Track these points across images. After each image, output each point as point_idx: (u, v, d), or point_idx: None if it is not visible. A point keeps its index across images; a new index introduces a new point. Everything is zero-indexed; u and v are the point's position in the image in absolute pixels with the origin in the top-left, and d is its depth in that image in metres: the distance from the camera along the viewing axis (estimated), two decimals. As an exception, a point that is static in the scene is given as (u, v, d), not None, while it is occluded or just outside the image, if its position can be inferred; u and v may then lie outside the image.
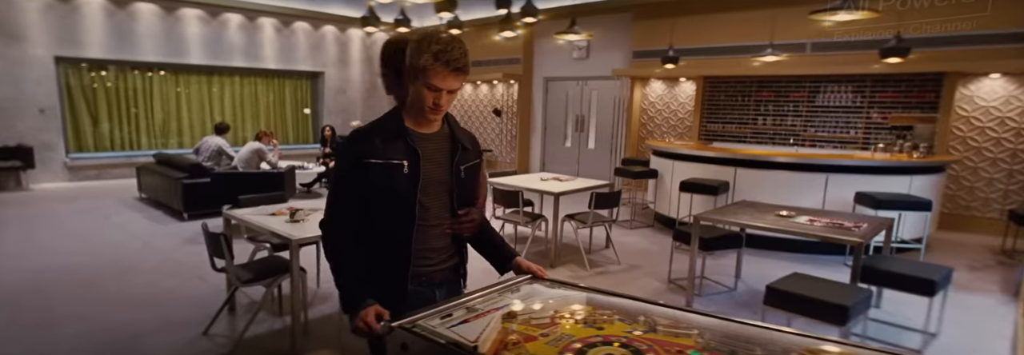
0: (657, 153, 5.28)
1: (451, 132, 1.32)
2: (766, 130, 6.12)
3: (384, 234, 1.27)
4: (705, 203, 4.40)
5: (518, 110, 8.67)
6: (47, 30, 6.64)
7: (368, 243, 1.27)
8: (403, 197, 1.25)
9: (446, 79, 1.18)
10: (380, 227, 1.26)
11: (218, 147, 5.55)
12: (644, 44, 6.97)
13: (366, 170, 1.21)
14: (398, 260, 1.28)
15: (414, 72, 1.18)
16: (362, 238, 1.27)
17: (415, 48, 1.17)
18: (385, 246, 1.27)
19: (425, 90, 1.19)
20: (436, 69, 1.16)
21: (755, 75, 6.04)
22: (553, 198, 3.77)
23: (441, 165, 1.29)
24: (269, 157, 5.44)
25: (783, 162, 4.21)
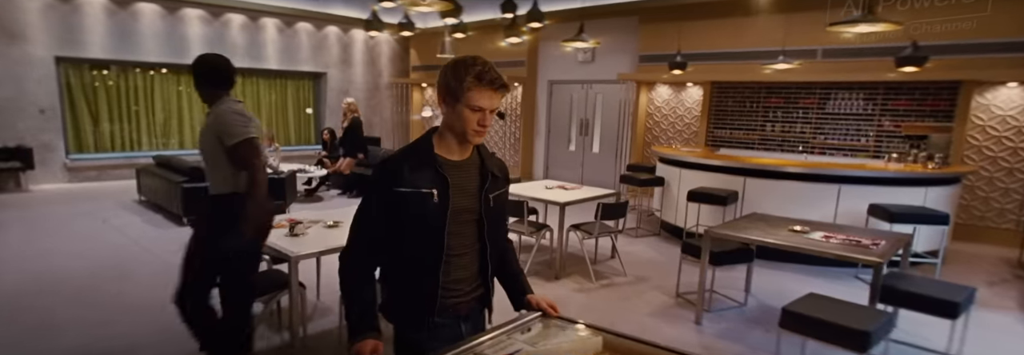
0: (664, 160, 5.18)
1: (481, 160, 1.31)
2: (774, 137, 6.02)
3: (412, 264, 1.25)
4: (713, 213, 4.31)
5: (522, 113, 8.58)
6: (48, 30, 6.58)
7: (395, 273, 1.27)
8: (432, 227, 1.22)
9: (491, 98, 1.19)
10: (408, 256, 1.24)
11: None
12: (651, 48, 6.87)
13: (394, 199, 1.19)
14: (425, 291, 1.24)
15: (455, 95, 1.18)
16: (389, 268, 1.27)
17: (453, 71, 1.18)
18: (412, 276, 1.25)
19: (468, 112, 1.18)
20: (480, 89, 1.17)
21: (764, 81, 5.93)
22: (558, 208, 3.68)
23: (470, 194, 1.27)
24: (270, 161, 5.42)
25: (794, 172, 4.11)
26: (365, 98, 9.93)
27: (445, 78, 1.19)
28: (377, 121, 10.24)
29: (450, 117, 1.22)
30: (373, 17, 4.87)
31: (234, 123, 1.95)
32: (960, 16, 4.73)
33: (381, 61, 10.06)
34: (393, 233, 1.22)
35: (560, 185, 4.35)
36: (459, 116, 1.19)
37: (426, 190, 1.19)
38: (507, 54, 8.42)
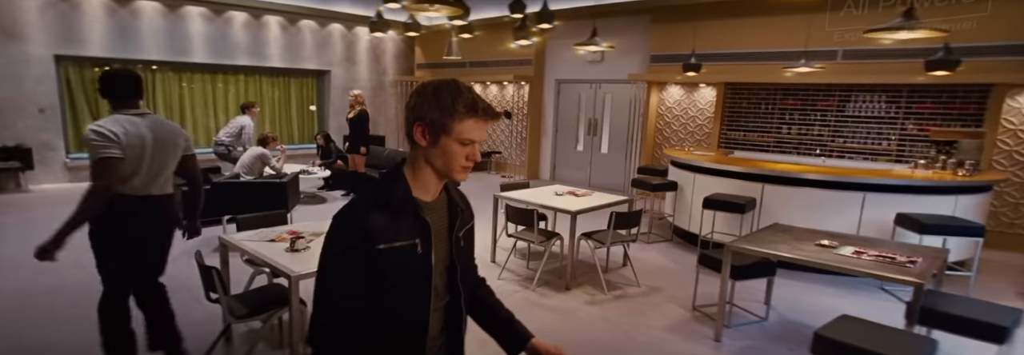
0: (677, 164, 5.01)
1: (449, 195, 1.13)
2: (790, 139, 5.83)
3: (387, 329, 1.04)
4: (730, 219, 4.15)
5: (528, 112, 8.42)
6: (47, 28, 6.46)
7: (371, 335, 1.03)
8: (416, 283, 1.04)
9: (484, 130, 1.04)
10: (383, 321, 1.03)
11: (242, 126, 5.81)
12: (663, 48, 6.68)
13: (374, 258, 0.99)
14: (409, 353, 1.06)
15: (441, 126, 1.00)
16: (364, 331, 1.03)
17: (436, 100, 1.00)
18: (391, 339, 1.05)
19: (457, 146, 1.02)
20: (475, 119, 1.01)
21: (780, 83, 5.74)
22: (570, 217, 3.53)
23: (444, 238, 1.10)
24: (273, 163, 5.28)
25: (816, 180, 3.93)
26: (370, 96, 9.78)
27: (424, 108, 1.00)
28: (382, 120, 10.10)
29: (431, 152, 1.02)
30: (378, 18, 4.72)
31: (90, 143, 2.01)
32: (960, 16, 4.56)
33: (386, 59, 9.90)
34: (372, 298, 1.00)
35: (570, 191, 4.20)
36: (445, 151, 1.01)
37: (409, 242, 1.01)
38: (514, 53, 8.25)
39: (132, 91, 2.19)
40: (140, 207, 2.12)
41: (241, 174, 5.18)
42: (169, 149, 2.18)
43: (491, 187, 7.97)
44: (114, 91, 2.18)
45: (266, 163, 5.26)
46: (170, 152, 2.18)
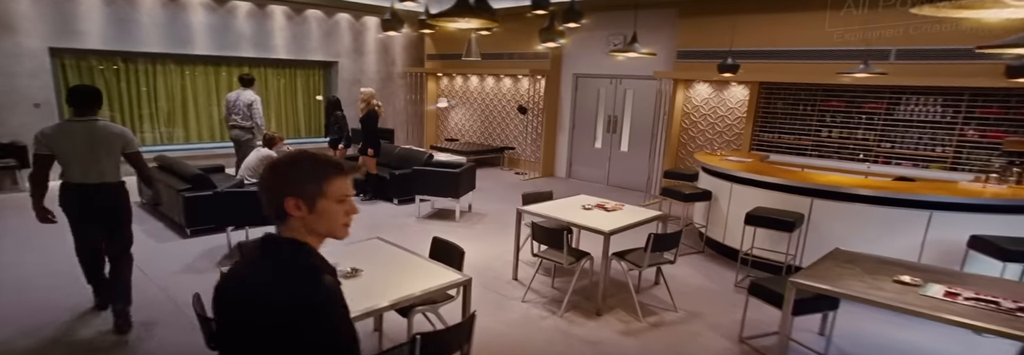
0: (710, 172, 4.65)
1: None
2: (830, 143, 5.44)
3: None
4: (773, 234, 3.80)
5: (544, 107, 8.03)
6: (41, 20, 6.12)
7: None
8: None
9: (350, 184, 1.08)
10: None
11: (251, 102, 5.77)
12: (691, 44, 6.24)
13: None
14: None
15: (317, 192, 1.03)
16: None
17: (310, 172, 1.03)
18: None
19: (336, 204, 1.05)
20: (342, 177, 1.06)
21: (822, 83, 5.31)
22: (603, 238, 3.20)
23: None
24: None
25: (875, 196, 3.55)
26: (378, 88, 9.42)
27: (290, 182, 1.02)
28: (390, 112, 9.75)
29: (310, 219, 1.03)
30: (392, 16, 4.34)
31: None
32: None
33: (395, 49, 9.50)
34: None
35: (599, 204, 3.87)
36: (325, 214, 1.04)
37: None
38: (530, 45, 7.82)
39: (82, 102, 2.74)
40: (76, 191, 2.76)
41: (246, 178, 4.90)
42: (102, 148, 2.74)
43: (505, 184, 7.75)
44: (70, 101, 2.76)
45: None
46: (104, 150, 2.75)
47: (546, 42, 3.79)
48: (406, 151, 6.77)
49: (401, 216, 5.49)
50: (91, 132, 2.71)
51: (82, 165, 2.71)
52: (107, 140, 2.74)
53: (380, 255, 2.62)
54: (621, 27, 7.08)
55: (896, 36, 4.83)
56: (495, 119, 9.08)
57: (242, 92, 6.05)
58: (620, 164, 7.63)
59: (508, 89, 8.75)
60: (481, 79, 9.14)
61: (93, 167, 2.73)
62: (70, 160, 2.71)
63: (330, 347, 0.97)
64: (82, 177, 2.73)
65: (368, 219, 5.30)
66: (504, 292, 3.58)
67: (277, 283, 0.98)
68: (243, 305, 1.02)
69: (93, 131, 2.71)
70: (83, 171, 2.72)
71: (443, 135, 10.01)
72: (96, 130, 2.72)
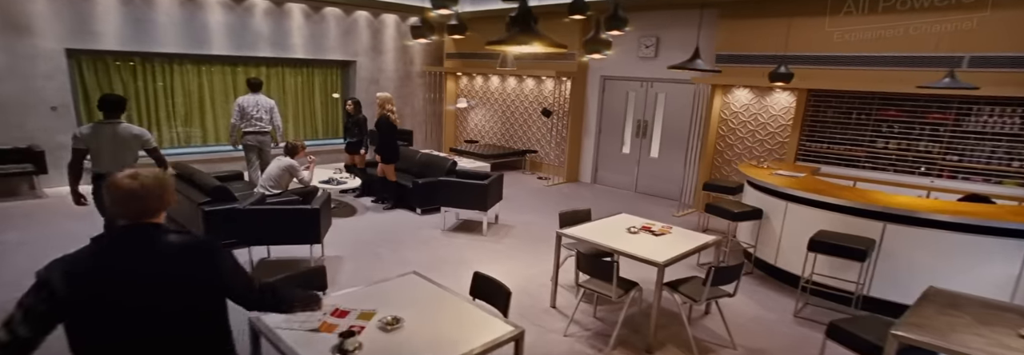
0: (758, 187, 4.34)
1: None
2: (887, 154, 5.07)
3: None
4: (836, 259, 3.49)
5: (570, 110, 7.73)
6: (57, 20, 5.95)
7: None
8: None
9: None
10: None
11: (271, 107, 5.81)
12: (732, 47, 5.88)
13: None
14: None
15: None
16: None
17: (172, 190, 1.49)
18: None
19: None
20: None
21: (879, 92, 4.94)
22: (657, 270, 2.93)
23: None
24: (302, 174, 4.85)
25: (962, 223, 3.20)
26: (396, 87, 9.19)
27: (173, 198, 1.46)
28: (408, 112, 9.52)
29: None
30: (423, 23, 4.07)
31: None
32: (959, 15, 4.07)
33: (413, 48, 9.23)
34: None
35: (645, 226, 3.60)
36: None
37: None
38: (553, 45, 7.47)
39: (110, 109, 3.47)
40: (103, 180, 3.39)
41: (267, 189, 4.71)
42: (125, 144, 3.48)
43: (529, 190, 7.44)
44: (101, 107, 3.48)
45: (294, 175, 4.80)
46: (126, 146, 3.49)
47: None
48: (428, 157, 6.52)
49: (426, 228, 5.27)
50: (116, 132, 3.47)
51: (108, 157, 3.44)
52: (128, 138, 3.49)
53: (419, 297, 2.39)
54: (652, 28, 6.73)
55: (971, 41, 4.44)
56: (517, 121, 8.80)
57: (258, 97, 5.90)
58: (650, 171, 7.32)
59: (531, 90, 8.45)
60: (502, 79, 8.84)
61: (116, 159, 3.43)
62: (99, 154, 3.44)
63: (242, 273, 1.50)
64: (108, 167, 3.38)
65: (392, 232, 5.08)
66: (543, 323, 3.34)
67: (190, 247, 1.41)
68: (167, 273, 1.35)
69: (117, 131, 3.47)
70: (109, 162, 3.42)
71: (462, 136, 9.76)
72: (120, 130, 3.48)
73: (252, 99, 5.85)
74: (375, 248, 4.60)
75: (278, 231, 3.71)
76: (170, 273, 1.34)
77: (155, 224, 1.40)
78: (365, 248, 4.58)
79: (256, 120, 5.82)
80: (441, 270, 4.14)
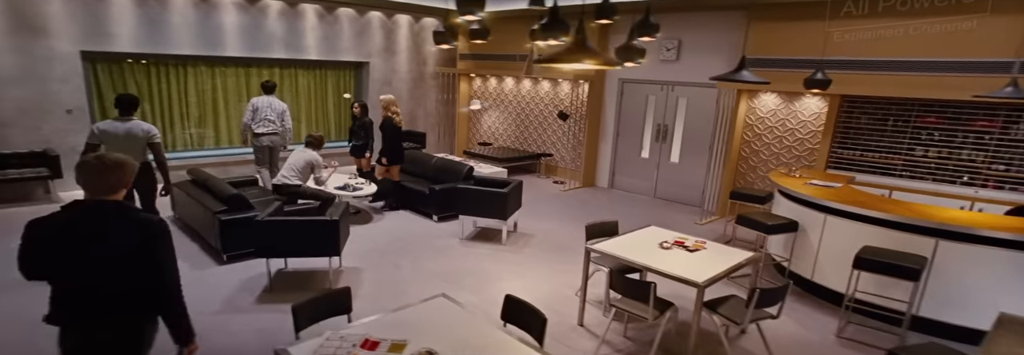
0: (792, 198, 4.15)
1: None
2: (926, 162, 4.86)
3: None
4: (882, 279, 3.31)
5: (587, 113, 7.56)
6: (72, 22, 5.89)
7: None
8: None
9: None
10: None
11: (284, 109, 5.83)
12: (761, 50, 5.68)
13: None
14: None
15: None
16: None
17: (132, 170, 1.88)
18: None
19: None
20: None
21: (921, 98, 4.73)
22: (697, 291, 2.78)
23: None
24: (322, 174, 4.93)
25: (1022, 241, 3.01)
26: (409, 89, 9.08)
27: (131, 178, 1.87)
28: (421, 114, 9.41)
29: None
30: (446, 29, 3.94)
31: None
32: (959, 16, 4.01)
33: (426, 48, 9.11)
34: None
35: (677, 241, 3.44)
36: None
37: None
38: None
39: (125, 108, 4.01)
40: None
41: (289, 179, 4.82)
42: (134, 139, 3.95)
43: (546, 196, 7.23)
44: (117, 105, 4.02)
45: (314, 170, 4.87)
46: (135, 141, 3.95)
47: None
48: (443, 162, 6.40)
49: (443, 236, 5.14)
50: (128, 128, 3.97)
51: (119, 150, 3.73)
52: (138, 133, 3.98)
53: (449, 323, 2.25)
54: (674, 30, 6.54)
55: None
56: (531, 123, 8.65)
57: (271, 99, 5.99)
58: (670, 176, 7.14)
59: (546, 92, 8.30)
60: (517, 81, 8.69)
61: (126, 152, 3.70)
62: (111, 147, 3.87)
63: (171, 259, 1.82)
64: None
65: (409, 240, 4.96)
66: (572, 343, 3.20)
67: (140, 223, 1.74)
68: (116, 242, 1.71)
69: (130, 127, 3.98)
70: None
71: (475, 139, 9.63)
72: (132, 126, 3.98)
73: (266, 100, 5.95)
74: (393, 258, 4.48)
75: (296, 243, 3.60)
76: (117, 242, 1.72)
77: (116, 201, 1.78)
78: (383, 258, 4.47)
79: (268, 121, 5.89)
80: (462, 283, 4.02)
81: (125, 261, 1.72)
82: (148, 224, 1.74)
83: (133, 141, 3.93)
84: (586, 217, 6.09)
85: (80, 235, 1.70)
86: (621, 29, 6.57)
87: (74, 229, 1.71)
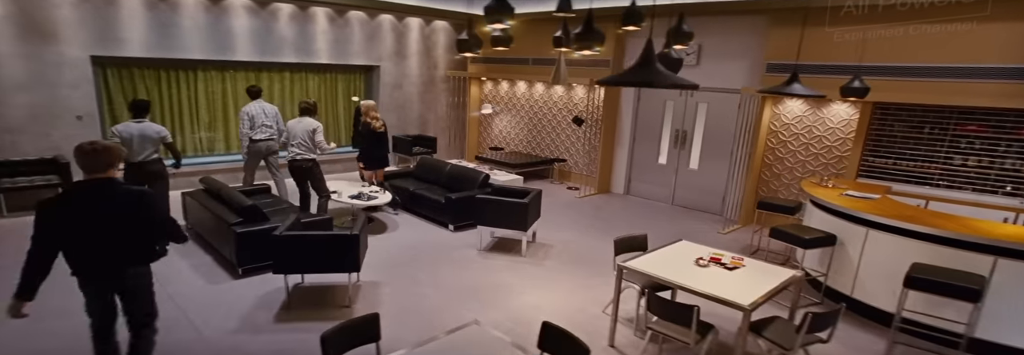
0: (827, 209, 3.98)
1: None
2: (965, 172, 4.68)
3: None
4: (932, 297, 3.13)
5: (603, 118, 7.41)
6: (82, 27, 5.79)
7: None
8: None
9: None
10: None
11: (275, 113, 5.81)
12: (784, 55, 5.50)
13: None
14: None
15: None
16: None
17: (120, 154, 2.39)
18: None
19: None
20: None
21: (956, 105, 4.55)
22: (743, 314, 2.62)
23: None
24: (319, 137, 5.12)
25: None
26: (420, 92, 8.96)
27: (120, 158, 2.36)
28: (432, 118, 9.28)
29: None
30: (470, 36, 3.80)
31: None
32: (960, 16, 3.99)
33: (437, 52, 8.99)
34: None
35: (714, 257, 3.28)
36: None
37: None
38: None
39: (137, 109, 4.60)
40: (131, 167, 4.49)
41: (302, 152, 5.08)
42: (148, 139, 4.53)
43: (562, 203, 7.00)
44: (131, 109, 4.66)
45: (315, 134, 5.09)
46: (149, 140, 4.54)
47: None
48: (458, 169, 6.25)
49: (461, 247, 5.00)
50: (142, 129, 4.51)
51: (136, 148, 4.47)
52: (151, 134, 4.53)
53: (489, 351, 2.10)
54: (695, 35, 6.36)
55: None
56: (544, 128, 8.50)
57: (262, 104, 5.82)
58: (689, 182, 6.98)
59: (560, 97, 8.15)
60: (529, 85, 8.55)
61: (142, 150, 4.50)
62: (130, 146, 4.44)
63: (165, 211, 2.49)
64: (133, 157, 4.48)
65: (425, 252, 4.82)
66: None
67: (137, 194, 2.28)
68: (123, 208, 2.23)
69: (144, 128, 4.52)
70: (136, 153, 4.49)
71: (486, 143, 9.49)
72: (145, 128, 4.52)
73: (258, 107, 5.78)
74: (411, 271, 4.34)
75: (315, 259, 3.47)
76: (116, 211, 2.24)
77: (110, 178, 2.26)
78: (400, 271, 4.33)
79: (265, 127, 5.79)
80: (485, 299, 3.87)
81: (127, 218, 2.25)
82: (142, 191, 2.32)
83: (147, 141, 4.52)
84: (604, 226, 5.94)
85: (89, 198, 2.19)
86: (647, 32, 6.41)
87: (84, 195, 2.20)
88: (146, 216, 2.27)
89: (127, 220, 2.23)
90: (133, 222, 2.25)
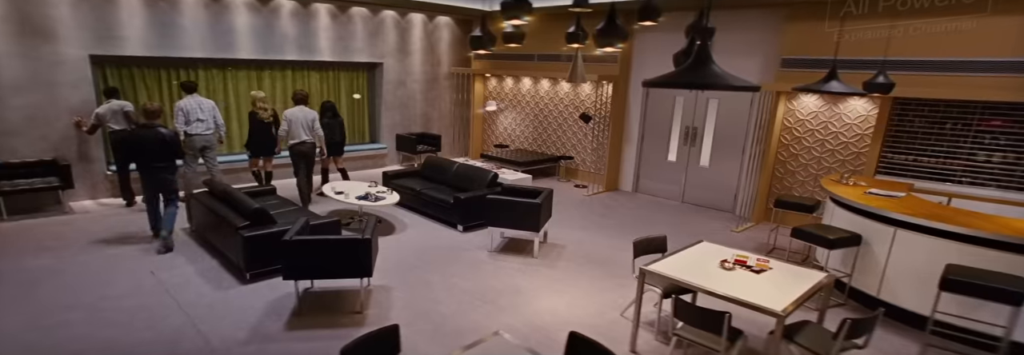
0: (850, 208, 3.87)
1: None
2: (989, 168, 4.57)
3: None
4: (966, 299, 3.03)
5: (611, 114, 7.28)
6: (81, 26, 5.65)
7: None
8: None
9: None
10: None
11: (213, 107, 5.87)
12: (800, 50, 5.37)
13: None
14: None
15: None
16: None
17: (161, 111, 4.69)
18: None
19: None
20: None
21: (981, 100, 4.42)
22: (776, 321, 2.51)
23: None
24: (320, 132, 5.78)
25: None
26: (423, 89, 8.84)
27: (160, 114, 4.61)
28: (435, 116, 9.16)
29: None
30: (484, 33, 3.67)
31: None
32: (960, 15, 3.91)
33: (440, 48, 8.85)
34: None
35: (738, 259, 3.17)
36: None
37: None
38: (593, 47, 7.00)
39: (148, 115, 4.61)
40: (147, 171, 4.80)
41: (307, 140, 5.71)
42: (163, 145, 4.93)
43: (571, 201, 6.86)
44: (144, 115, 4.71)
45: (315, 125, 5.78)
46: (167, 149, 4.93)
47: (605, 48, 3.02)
48: (466, 168, 6.13)
49: (471, 248, 4.89)
50: (200, 102, 5.64)
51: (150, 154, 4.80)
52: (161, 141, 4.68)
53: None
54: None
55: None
56: (550, 125, 8.37)
57: (199, 99, 5.76)
58: (699, 180, 6.86)
59: (566, 94, 8.02)
60: (534, 82, 8.41)
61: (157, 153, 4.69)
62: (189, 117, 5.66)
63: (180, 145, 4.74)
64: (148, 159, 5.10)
65: (436, 253, 4.71)
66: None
67: (164, 132, 4.47)
68: (156, 140, 4.42)
69: (202, 102, 5.66)
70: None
71: (491, 141, 9.36)
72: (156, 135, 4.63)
73: (194, 102, 5.70)
74: (422, 273, 4.24)
75: (327, 264, 3.36)
76: (157, 140, 4.39)
77: (156, 123, 4.47)
78: (412, 274, 4.22)
79: (200, 122, 5.72)
80: (500, 303, 3.77)
81: (164, 142, 4.39)
82: (172, 133, 4.50)
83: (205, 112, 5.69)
84: (616, 225, 5.83)
85: (145, 134, 4.39)
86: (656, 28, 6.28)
87: (142, 132, 4.40)
88: (172, 145, 4.45)
89: (161, 145, 4.38)
90: (164, 147, 4.40)
